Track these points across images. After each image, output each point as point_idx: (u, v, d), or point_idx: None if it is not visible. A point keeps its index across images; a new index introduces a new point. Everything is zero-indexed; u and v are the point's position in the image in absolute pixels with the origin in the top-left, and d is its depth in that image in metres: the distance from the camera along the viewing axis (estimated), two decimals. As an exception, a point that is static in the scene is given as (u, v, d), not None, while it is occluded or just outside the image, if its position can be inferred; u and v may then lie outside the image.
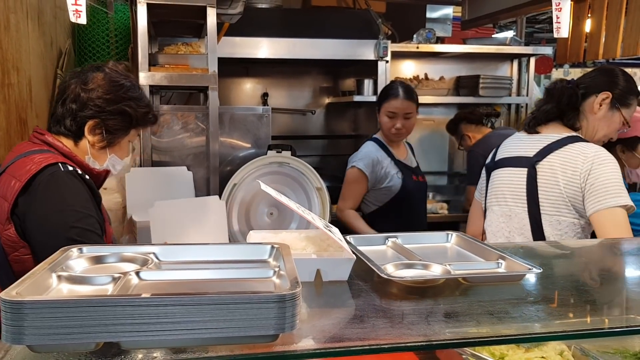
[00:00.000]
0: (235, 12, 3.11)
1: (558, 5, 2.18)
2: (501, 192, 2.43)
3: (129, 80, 1.97)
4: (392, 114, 3.29)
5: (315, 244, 1.38)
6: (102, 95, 1.89)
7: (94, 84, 1.90)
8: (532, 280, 1.30)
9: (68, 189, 1.76)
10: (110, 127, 1.92)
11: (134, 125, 1.98)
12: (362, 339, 0.93)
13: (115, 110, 1.90)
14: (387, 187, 3.30)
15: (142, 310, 0.84)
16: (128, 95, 1.93)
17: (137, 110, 1.94)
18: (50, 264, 1.01)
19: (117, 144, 1.97)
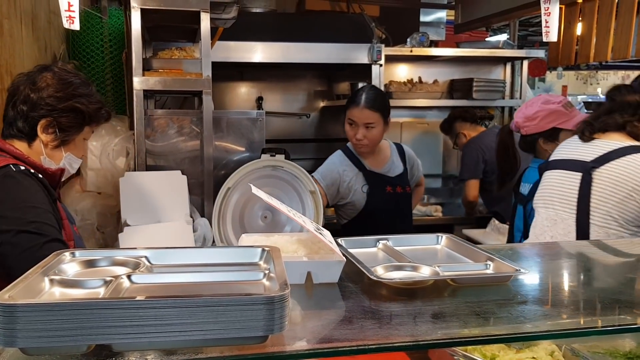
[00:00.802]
0: (229, 16, 3.12)
1: (547, 9, 2.21)
2: (549, 195, 2.34)
3: (78, 78, 1.99)
4: (351, 121, 3.13)
5: (306, 246, 1.39)
6: (53, 93, 1.91)
7: (44, 83, 1.91)
8: (522, 281, 1.32)
9: (22, 187, 1.78)
10: (63, 125, 1.93)
11: (87, 122, 1.99)
12: (350, 340, 0.94)
13: (67, 107, 1.92)
14: (351, 202, 3.18)
15: (133, 312, 0.85)
16: (78, 92, 1.94)
17: (88, 107, 1.95)
18: (43, 268, 1.03)
19: (71, 142, 1.98)
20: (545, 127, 2.85)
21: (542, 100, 2.92)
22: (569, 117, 2.83)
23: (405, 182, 3.27)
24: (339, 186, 3.15)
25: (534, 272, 1.46)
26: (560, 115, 2.83)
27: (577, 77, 12.65)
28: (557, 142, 2.79)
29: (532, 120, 2.87)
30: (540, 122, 2.85)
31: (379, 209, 3.14)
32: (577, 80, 12.72)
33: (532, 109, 2.89)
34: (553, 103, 2.86)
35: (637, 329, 1.09)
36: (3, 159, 1.83)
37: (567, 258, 1.81)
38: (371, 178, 3.16)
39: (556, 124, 2.83)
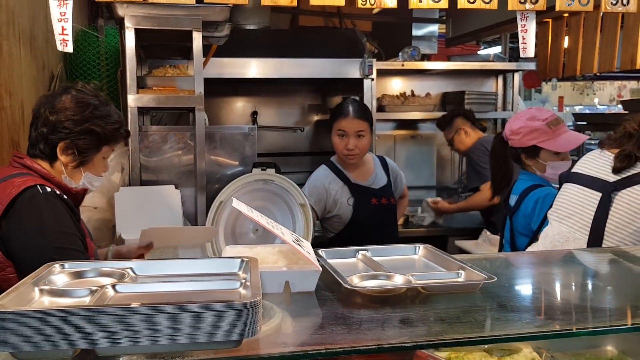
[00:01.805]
0: (222, 34, 3.20)
1: (524, 27, 2.28)
2: (565, 210, 2.27)
3: (96, 99, 2.02)
4: (342, 132, 3.16)
5: (287, 257, 1.46)
6: (70, 117, 1.95)
7: (61, 106, 1.96)
8: (492, 289, 1.38)
9: (48, 210, 1.83)
10: (81, 146, 1.98)
11: (104, 143, 2.03)
12: (320, 344, 1.01)
13: (83, 130, 1.96)
14: (337, 215, 3.21)
15: (115, 319, 0.92)
16: (95, 114, 1.98)
17: (105, 128, 1.99)
18: (34, 279, 1.10)
19: (90, 162, 2.03)
20: (527, 144, 2.86)
21: (528, 115, 2.90)
22: (552, 136, 2.82)
23: (390, 194, 3.32)
24: (326, 200, 3.19)
25: (507, 280, 1.52)
26: (541, 134, 2.82)
27: (574, 88, 12.75)
28: (537, 159, 2.85)
29: (516, 135, 2.88)
30: (522, 137, 2.86)
31: (365, 221, 3.18)
32: (573, 91, 12.81)
33: (517, 124, 2.90)
34: (538, 120, 2.84)
35: (593, 332, 1.15)
36: (31, 178, 1.89)
37: (548, 266, 1.87)
38: (356, 191, 3.21)
39: (536, 142, 2.83)
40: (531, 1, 2.22)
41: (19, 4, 2.91)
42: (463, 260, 1.49)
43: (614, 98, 12.27)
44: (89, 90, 2.04)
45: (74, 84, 2.08)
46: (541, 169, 2.88)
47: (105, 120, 2.00)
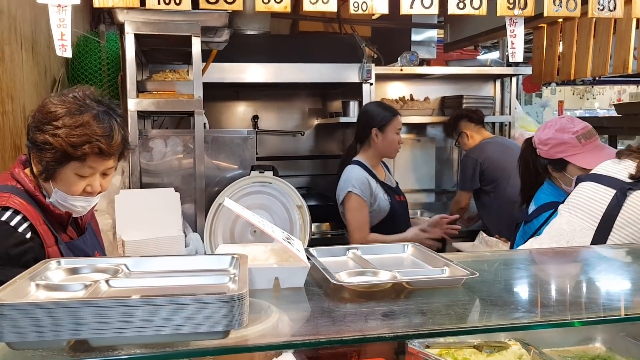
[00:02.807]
0: (221, 40, 3.26)
1: (512, 32, 2.33)
2: (577, 203, 2.30)
3: (75, 104, 1.76)
4: (398, 130, 3.42)
5: (278, 255, 1.51)
6: (32, 124, 1.77)
7: (35, 112, 1.79)
8: (476, 284, 1.43)
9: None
10: (42, 158, 1.75)
11: (68, 158, 1.74)
12: (304, 335, 1.05)
13: (40, 140, 1.73)
14: (376, 210, 3.33)
15: (107, 311, 0.97)
16: (59, 123, 1.72)
17: (64, 141, 1.70)
18: (30, 274, 1.15)
19: (57, 177, 1.78)
20: (554, 156, 2.71)
21: (558, 125, 2.76)
22: (581, 150, 2.67)
23: (402, 192, 3.55)
24: (370, 195, 3.32)
25: (491, 276, 1.57)
26: (570, 148, 2.68)
27: (574, 92, 12.76)
28: (564, 173, 2.71)
29: (544, 145, 2.75)
30: (550, 149, 2.72)
31: (398, 216, 3.38)
32: (573, 95, 12.82)
33: (546, 134, 2.76)
34: (568, 132, 2.69)
35: (568, 324, 1.20)
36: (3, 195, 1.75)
37: (534, 263, 1.91)
38: (385, 188, 3.40)
39: (564, 155, 2.68)
40: (520, 7, 2.27)
41: (21, 10, 2.97)
42: (449, 258, 1.54)
43: (614, 102, 12.30)
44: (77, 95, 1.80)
45: (73, 88, 1.86)
46: (567, 183, 2.71)
47: (67, 131, 1.71)
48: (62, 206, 1.83)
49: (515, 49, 2.34)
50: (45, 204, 1.81)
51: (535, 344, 1.65)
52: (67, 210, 1.85)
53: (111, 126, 1.78)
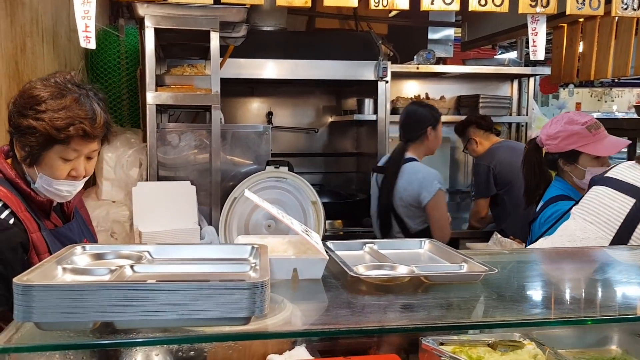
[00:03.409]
0: (239, 35, 3.28)
1: (534, 30, 2.33)
2: (594, 209, 2.28)
3: (56, 89, 1.76)
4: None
5: (295, 247, 1.52)
6: (13, 109, 1.77)
7: (16, 97, 1.78)
8: (493, 281, 1.43)
9: None
10: (26, 143, 1.75)
11: (52, 141, 1.74)
12: (324, 324, 1.07)
13: (25, 125, 1.73)
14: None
15: (133, 294, 0.99)
16: (39, 107, 1.72)
17: (47, 124, 1.71)
18: (57, 259, 1.17)
19: (41, 162, 1.78)
20: (565, 149, 2.74)
21: (566, 119, 2.80)
22: (592, 140, 2.71)
23: None
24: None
25: (510, 273, 1.57)
26: (581, 138, 2.71)
27: (592, 95, 12.66)
28: (576, 165, 2.74)
29: (554, 140, 2.77)
30: (560, 142, 2.74)
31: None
32: (591, 98, 12.72)
33: (555, 128, 2.79)
34: (577, 123, 2.73)
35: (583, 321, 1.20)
36: None
37: (553, 262, 1.91)
38: None
39: (576, 146, 2.71)
40: (542, 5, 2.26)
41: (43, 3, 3.00)
42: (467, 254, 1.54)
43: (633, 105, 12.18)
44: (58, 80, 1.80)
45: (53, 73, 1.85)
46: (579, 175, 2.75)
47: (51, 115, 1.71)
48: (47, 191, 1.83)
49: (536, 47, 2.34)
50: (26, 191, 1.81)
51: (551, 344, 1.65)
52: (52, 195, 1.85)
53: (93, 109, 1.78)
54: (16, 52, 2.64)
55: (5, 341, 1.01)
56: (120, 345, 1.09)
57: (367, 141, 4.84)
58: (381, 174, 3.65)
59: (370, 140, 4.60)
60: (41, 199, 1.83)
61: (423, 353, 1.66)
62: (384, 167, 3.65)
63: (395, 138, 5.08)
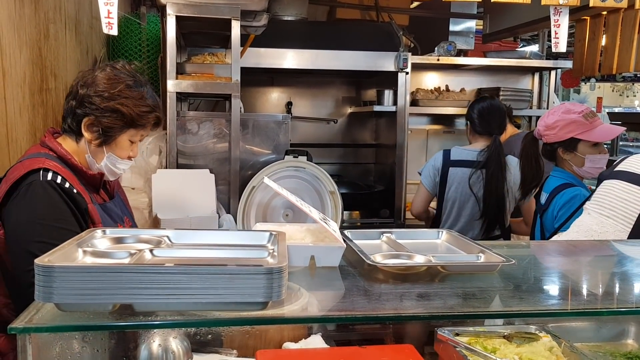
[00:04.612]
0: (260, 24, 3.28)
1: (557, 21, 2.30)
2: (608, 203, 2.29)
3: (131, 79, 1.95)
4: None
5: (313, 235, 1.53)
6: (99, 92, 1.88)
7: (92, 81, 1.90)
8: (510, 271, 1.43)
9: (39, 201, 1.76)
10: (105, 124, 1.90)
11: (130, 124, 1.93)
12: (341, 310, 1.07)
13: (109, 107, 1.88)
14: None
15: (152, 277, 1.00)
16: (125, 93, 1.90)
17: (132, 110, 1.90)
18: (78, 241, 1.19)
19: (113, 142, 1.94)
20: (564, 137, 2.86)
21: (562, 109, 2.92)
22: (589, 127, 2.84)
23: None
24: None
25: (527, 264, 1.56)
26: (579, 126, 2.83)
27: (613, 89, 12.51)
28: (575, 153, 2.85)
29: (552, 130, 2.89)
30: (559, 131, 2.86)
31: None
32: (613, 92, 12.57)
33: (552, 118, 2.90)
34: (574, 113, 2.86)
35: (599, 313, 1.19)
36: (41, 159, 1.83)
37: (572, 255, 1.90)
38: None
39: (575, 134, 2.83)
40: (565, -4, 2.24)
41: (66, -10, 3.04)
42: (484, 245, 1.54)
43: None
44: (126, 70, 1.98)
45: (115, 62, 2.03)
46: (579, 163, 2.87)
47: (135, 101, 1.92)
48: (109, 169, 1.98)
49: (558, 39, 2.31)
50: (78, 167, 1.92)
51: (566, 337, 1.65)
52: (110, 173, 2.00)
53: (158, 100, 2.02)
54: (40, 39, 2.67)
55: (26, 321, 1.03)
56: (138, 327, 1.11)
57: (386, 132, 4.83)
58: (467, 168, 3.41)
59: (390, 131, 4.58)
60: (92, 174, 1.96)
61: (438, 343, 1.66)
62: (479, 162, 3.38)
63: (414, 130, 5.09)
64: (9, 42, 2.33)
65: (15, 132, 2.41)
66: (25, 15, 2.48)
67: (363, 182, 4.94)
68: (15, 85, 2.41)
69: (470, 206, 3.36)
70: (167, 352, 1.20)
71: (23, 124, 2.47)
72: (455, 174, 3.41)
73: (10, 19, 2.34)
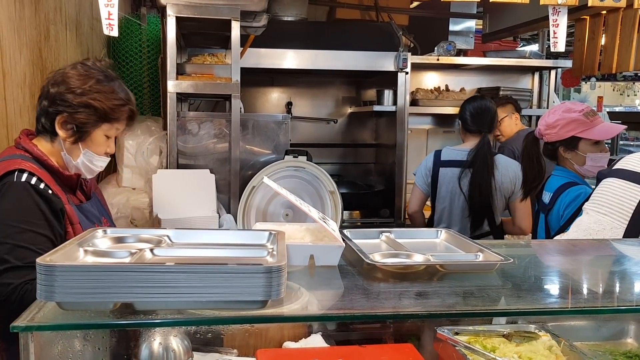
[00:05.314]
0: (259, 25, 3.29)
1: (555, 21, 2.31)
2: (606, 201, 2.32)
3: (101, 74, 1.95)
4: None
5: (313, 234, 1.54)
6: (69, 89, 1.89)
7: (62, 79, 1.91)
8: (509, 270, 1.43)
9: (11, 202, 1.75)
10: (79, 120, 1.90)
11: (104, 119, 1.93)
12: (339, 309, 1.08)
13: (81, 103, 1.89)
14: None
15: (152, 276, 1.01)
16: (96, 88, 1.91)
17: (105, 103, 1.91)
18: (79, 241, 1.19)
19: (88, 138, 1.94)
20: (565, 136, 2.87)
21: (563, 108, 2.94)
22: (590, 126, 2.85)
23: None
24: None
25: (526, 263, 1.57)
26: (580, 124, 2.85)
27: (614, 89, 12.51)
28: (576, 151, 2.86)
29: (553, 129, 2.90)
30: (559, 130, 2.87)
31: None
32: (613, 92, 12.57)
33: (553, 117, 2.91)
34: (574, 111, 2.88)
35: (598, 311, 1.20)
36: (16, 161, 1.83)
37: (571, 253, 1.91)
38: None
39: (575, 132, 2.85)
40: (563, -4, 2.25)
41: (67, -9, 3.04)
42: (483, 244, 1.54)
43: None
44: (97, 66, 1.98)
45: (85, 59, 2.03)
46: (580, 161, 2.88)
47: (106, 96, 1.92)
48: (86, 167, 1.99)
49: (557, 39, 2.32)
50: (54, 167, 1.92)
51: (566, 336, 1.66)
52: (87, 171, 2.00)
53: (129, 93, 2.02)
54: (40, 40, 2.68)
55: (28, 320, 1.04)
56: (139, 325, 1.12)
57: (386, 132, 4.83)
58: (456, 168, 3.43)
59: (390, 131, 4.59)
60: (69, 174, 1.96)
61: (438, 342, 1.67)
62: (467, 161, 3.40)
63: (414, 130, 5.09)
64: (9, 43, 2.34)
65: (15, 133, 2.41)
66: (25, 17, 2.49)
67: (363, 182, 4.95)
68: (15, 86, 2.42)
69: (460, 205, 3.40)
70: (167, 351, 1.21)
71: (23, 125, 2.48)
72: (445, 174, 3.46)
73: (11, 20, 2.35)
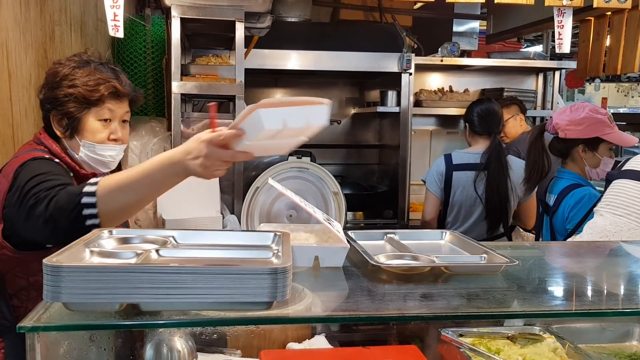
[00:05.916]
0: (264, 26, 3.29)
1: (560, 22, 2.31)
2: (621, 202, 2.31)
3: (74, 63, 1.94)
4: None
5: (317, 236, 1.54)
6: (47, 87, 1.93)
7: (43, 82, 1.96)
8: (514, 272, 1.43)
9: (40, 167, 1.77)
10: (65, 113, 1.91)
11: (87, 103, 1.91)
12: (344, 310, 1.08)
13: (60, 95, 1.89)
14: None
15: (158, 277, 1.02)
16: (69, 77, 1.90)
17: (80, 88, 1.89)
18: (85, 242, 1.20)
19: (82, 128, 1.93)
20: (589, 135, 2.84)
21: (590, 107, 2.91)
22: (613, 130, 2.85)
23: None
24: None
25: (532, 266, 1.57)
26: (605, 127, 2.84)
27: (618, 90, 12.48)
28: (595, 152, 2.86)
29: (578, 125, 2.85)
30: (585, 128, 2.84)
31: None
32: (617, 93, 12.55)
33: (580, 114, 2.87)
34: (600, 113, 2.87)
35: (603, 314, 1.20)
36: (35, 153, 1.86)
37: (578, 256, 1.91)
38: None
39: (600, 134, 2.84)
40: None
41: (71, -8, 3.05)
42: (488, 246, 1.54)
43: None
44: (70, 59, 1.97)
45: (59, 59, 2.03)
46: (595, 163, 2.88)
47: (81, 80, 1.89)
48: (92, 159, 1.95)
49: (562, 40, 2.32)
50: (71, 165, 1.93)
51: (571, 338, 1.65)
52: (96, 163, 1.97)
53: (114, 71, 1.98)
54: (45, 40, 2.69)
55: (34, 320, 1.04)
56: (144, 326, 1.12)
57: (390, 133, 4.83)
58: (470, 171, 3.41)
59: (393, 132, 4.58)
60: (85, 172, 1.95)
61: (442, 344, 1.67)
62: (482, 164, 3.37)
63: (418, 131, 5.09)
64: (15, 44, 2.35)
65: (21, 133, 2.42)
66: (30, 18, 2.50)
67: (366, 183, 4.95)
68: (21, 86, 2.43)
69: (477, 209, 3.37)
70: (172, 352, 1.22)
71: (29, 125, 2.49)
72: (460, 178, 3.41)
73: (16, 22, 2.36)
